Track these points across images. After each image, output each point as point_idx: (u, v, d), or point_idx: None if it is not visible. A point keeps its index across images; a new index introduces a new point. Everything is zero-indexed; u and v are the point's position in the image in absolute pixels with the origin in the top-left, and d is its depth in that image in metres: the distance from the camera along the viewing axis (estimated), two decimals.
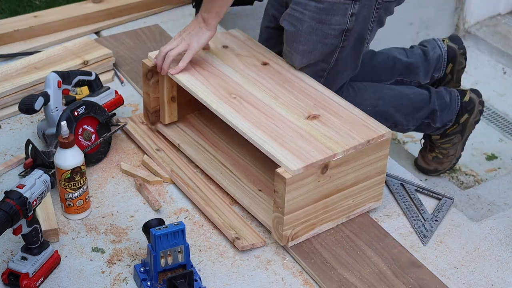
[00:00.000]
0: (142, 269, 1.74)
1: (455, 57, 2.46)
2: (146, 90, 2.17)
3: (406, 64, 2.39)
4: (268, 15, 2.30)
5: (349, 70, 2.20)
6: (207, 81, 2.04)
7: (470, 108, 2.35)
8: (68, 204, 1.92)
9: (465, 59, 2.49)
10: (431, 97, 2.31)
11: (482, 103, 2.39)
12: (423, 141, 2.52)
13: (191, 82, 2.04)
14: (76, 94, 2.33)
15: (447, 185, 2.62)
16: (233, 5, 2.09)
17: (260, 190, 2.00)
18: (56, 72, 2.11)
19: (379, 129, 1.87)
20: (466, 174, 2.96)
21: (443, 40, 2.48)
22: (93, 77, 2.22)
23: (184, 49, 2.05)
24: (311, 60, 2.11)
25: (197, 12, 2.31)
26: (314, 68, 2.13)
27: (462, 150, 2.47)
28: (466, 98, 2.35)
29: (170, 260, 1.69)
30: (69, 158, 1.86)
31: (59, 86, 2.10)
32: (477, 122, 2.41)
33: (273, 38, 2.28)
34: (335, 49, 2.10)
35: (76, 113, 2.04)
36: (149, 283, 1.71)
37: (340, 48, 2.10)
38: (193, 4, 2.39)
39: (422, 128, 2.37)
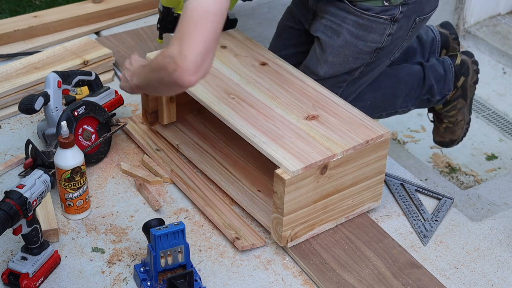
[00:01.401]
0: (142, 269, 1.75)
1: (448, 42, 2.47)
2: None
3: (404, 49, 2.41)
4: (293, 17, 2.29)
5: (368, 81, 2.20)
6: (206, 82, 2.04)
7: (464, 70, 2.35)
8: (68, 204, 1.92)
9: (458, 44, 2.50)
10: (425, 74, 2.31)
11: (475, 62, 2.39)
12: (431, 115, 2.51)
13: None
14: (76, 94, 2.33)
15: (447, 185, 2.63)
16: None
17: (259, 191, 2.00)
18: (56, 72, 2.11)
19: (378, 129, 1.87)
20: (466, 174, 2.97)
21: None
22: (93, 77, 2.22)
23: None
24: (337, 72, 2.11)
25: (160, 33, 2.24)
26: (336, 79, 2.13)
27: (470, 113, 2.45)
28: (458, 61, 2.35)
29: (170, 260, 1.69)
30: (69, 158, 1.86)
31: (59, 86, 2.10)
32: (475, 82, 2.39)
33: (294, 37, 2.28)
34: (363, 64, 2.10)
35: (76, 113, 2.04)
36: (149, 283, 1.71)
37: (368, 63, 2.10)
38: (158, 26, 2.25)
39: (422, 105, 2.38)
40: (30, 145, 2.02)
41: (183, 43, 1.62)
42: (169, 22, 2.19)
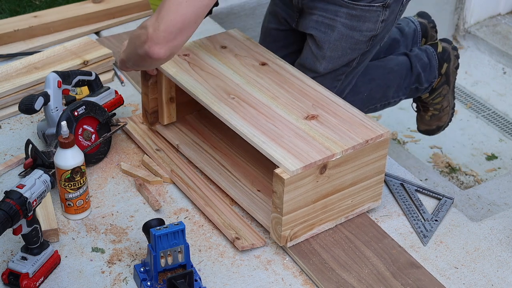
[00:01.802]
0: (142, 269, 1.75)
1: (427, 31, 2.54)
2: (145, 91, 2.17)
3: (388, 42, 2.45)
4: (277, 18, 2.29)
5: (361, 70, 2.22)
6: (206, 82, 2.04)
7: (446, 57, 2.40)
8: (68, 204, 1.92)
9: (436, 32, 2.56)
10: (411, 62, 2.36)
11: (455, 48, 2.44)
12: (414, 105, 2.55)
13: (190, 82, 2.04)
14: (76, 94, 2.33)
15: (447, 185, 2.63)
16: None
17: (259, 191, 2.00)
18: (56, 72, 2.11)
19: (378, 129, 1.87)
20: (466, 174, 2.97)
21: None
22: (93, 77, 2.23)
23: None
24: (336, 66, 2.12)
25: None
26: (335, 73, 2.14)
27: (454, 98, 2.52)
28: (439, 49, 2.40)
29: (170, 260, 1.69)
30: (69, 158, 1.86)
31: (59, 86, 2.11)
32: (457, 67, 2.45)
33: (281, 39, 2.28)
34: (360, 54, 2.11)
35: (76, 113, 2.04)
36: (149, 283, 1.71)
37: (365, 52, 2.12)
38: None
39: (412, 94, 2.42)
40: (30, 145, 2.03)
41: (160, 17, 1.69)
42: None
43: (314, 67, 2.13)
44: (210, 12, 2.18)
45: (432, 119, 2.50)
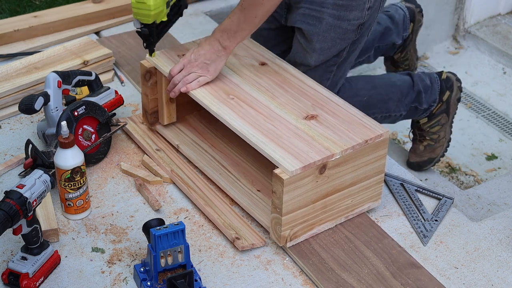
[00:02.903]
0: (142, 269, 1.75)
1: (414, 16, 2.58)
2: (145, 91, 2.17)
3: (380, 31, 2.48)
4: None
5: (353, 59, 2.23)
6: None
7: (450, 85, 2.42)
8: (68, 204, 1.92)
9: (422, 16, 2.62)
10: (413, 80, 2.38)
11: (459, 80, 2.46)
12: (411, 135, 2.55)
13: None
14: (76, 94, 2.33)
15: (447, 185, 2.63)
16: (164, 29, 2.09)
17: (258, 191, 2.00)
18: (56, 72, 2.12)
19: (377, 129, 1.87)
20: (466, 174, 2.96)
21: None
22: (93, 77, 2.23)
23: (203, 81, 2.01)
24: (327, 57, 2.13)
25: (150, 51, 2.11)
26: (326, 64, 2.15)
27: (451, 133, 2.51)
28: (444, 76, 2.43)
29: (170, 260, 1.70)
30: (69, 158, 1.87)
31: (59, 86, 2.11)
32: (458, 100, 2.46)
33: (273, 39, 2.28)
34: (349, 43, 2.12)
35: (76, 113, 2.04)
36: (149, 283, 1.71)
37: (354, 41, 2.13)
38: (144, 44, 2.09)
39: (411, 113, 2.43)
40: (30, 145, 2.03)
41: None
42: (156, 34, 2.09)
43: (305, 60, 2.14)
44: (180, 14, 2.17)
45: (425, 150, 2.51)
